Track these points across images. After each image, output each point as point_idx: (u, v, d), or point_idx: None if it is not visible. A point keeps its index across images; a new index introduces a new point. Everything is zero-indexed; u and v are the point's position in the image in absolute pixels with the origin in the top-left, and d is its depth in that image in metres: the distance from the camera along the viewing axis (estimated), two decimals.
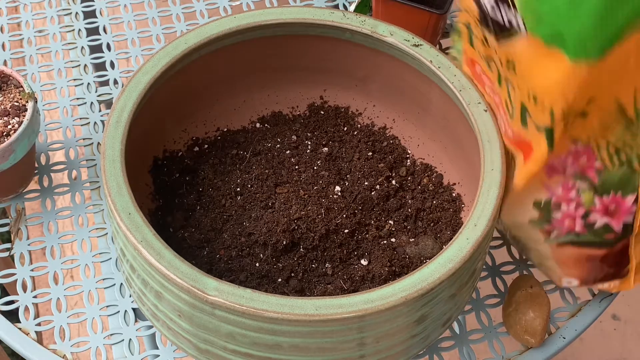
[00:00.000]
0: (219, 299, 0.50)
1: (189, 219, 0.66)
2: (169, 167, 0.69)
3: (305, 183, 0.67)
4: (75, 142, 0.76)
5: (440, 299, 0.54)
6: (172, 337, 0.58)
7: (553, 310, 0.67)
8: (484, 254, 0.61)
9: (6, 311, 0.65)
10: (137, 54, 0.84)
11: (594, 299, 0.68)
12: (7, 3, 0.88)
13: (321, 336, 0.51)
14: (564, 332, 0.66)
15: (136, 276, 0.56)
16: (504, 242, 0.71)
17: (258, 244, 0.63)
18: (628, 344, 1.34)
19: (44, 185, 0.73)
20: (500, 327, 0.66)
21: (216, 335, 0.53)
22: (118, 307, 0.66)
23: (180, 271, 0.51)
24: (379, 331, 0.53)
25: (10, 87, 0.69)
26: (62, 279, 0.67)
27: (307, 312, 0.50)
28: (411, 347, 0.58)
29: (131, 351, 0.63)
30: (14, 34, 0.86)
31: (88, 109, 0.79)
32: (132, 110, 0.60)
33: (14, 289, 0.67)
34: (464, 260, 0.53)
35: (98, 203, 0.72)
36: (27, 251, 0.69)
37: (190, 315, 0.53)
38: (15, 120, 0.67)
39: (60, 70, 0.82)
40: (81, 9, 0.88)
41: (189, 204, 0.67)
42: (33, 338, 0.64)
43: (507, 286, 0.68)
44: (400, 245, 0.65)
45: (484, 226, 0.55)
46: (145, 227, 0.53)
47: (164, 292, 0.53)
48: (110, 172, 0.56)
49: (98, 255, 0.69)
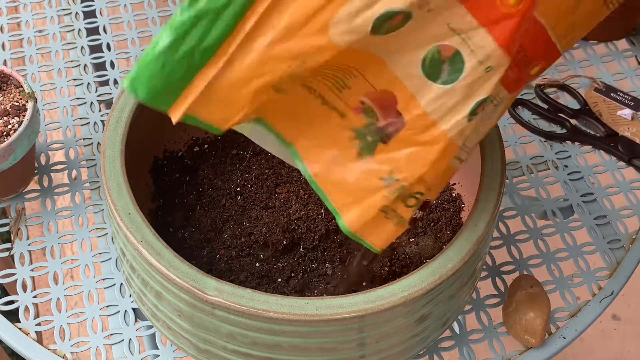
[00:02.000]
0: (219, 299, 0.50)
1: (189, 219, 0.66)
2: (169, 167, 0.69)
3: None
4: (75, 142, 0.76)
5: (440, 299, 0.54)
6: (172, 337, 0.58)
7: (553, 310, 0.67)
8: (484, 254, 0.60)
9: (6, 311, 0.65)
10: (137, 54, 0.84)
11: (594, 298, 0.68)
12: (7, 3, 0.88)
13: (321, 336, 0.51)
14: (564, 332, 0.66)
15: (136, 276, 0.56)
16: (503, 242, 0.71)
17: (258, 244, 0.63)
18: (628, 344, 1.34)
19: (44, 185, 0.73)
20: (501, 327, 0.66)
21: (216, 335, 0.53)
22: (118, 307, 0.66)
23: (180, 271, 0.51)
24: (379, 331, 0.53)
25: (10, 87, 0.69)
26: (62, 279, 0.67)
27: (307, 312, 0.50)
28: (411, 347, 0.58)
29: (131, 351, 0.63)
30: (14, 33, 0.86)
31: (88, 109, 0.79)
32: (132, 110, 0.60)
33: (14, 289, 0.67)
34: (464, 260, 0.53)
35: (98, 203, 0.72)
36: (27, 251, 0.69)
37: (190, 315, 0.53)
38: (15, 120, 0.67)
39: (60, 70, 0.82)
40: (81, 9, 0.88)
41: (189, 204, 0.67)
42: (33, 338, 0.64)
43: (507, 286, 0.68)
44: (400, 245, 0.65)
45: (484, 226, 0.55)
46: (145, 227, 0.53)
47: (164, 292, 0.53)
48: (110, 172, 0.56)
49: (98, 255, 0.69)
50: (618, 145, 0.78)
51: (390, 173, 0.47)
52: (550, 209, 0.74)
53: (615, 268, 0.70)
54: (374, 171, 0.48)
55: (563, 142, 0.80)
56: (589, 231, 0.73)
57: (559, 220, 0.74)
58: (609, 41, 0.89)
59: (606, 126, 0.80)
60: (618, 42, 0.90)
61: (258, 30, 0.41)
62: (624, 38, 0.90)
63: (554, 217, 0.74)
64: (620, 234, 0.73)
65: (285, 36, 0.41)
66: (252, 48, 0.41)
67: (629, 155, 0.78)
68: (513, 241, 0.72)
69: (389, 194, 0.47)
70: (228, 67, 0.41)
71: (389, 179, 0.47)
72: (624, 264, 0.71)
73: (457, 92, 0.45)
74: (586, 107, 0.82)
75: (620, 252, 0.72)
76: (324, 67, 0.44)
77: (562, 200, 0.75)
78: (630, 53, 0.89)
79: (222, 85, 0.42)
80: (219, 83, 0.42)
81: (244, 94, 0.42)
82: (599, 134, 0.80)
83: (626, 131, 0.80)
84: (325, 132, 0.48)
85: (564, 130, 0.80)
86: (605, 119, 0.81)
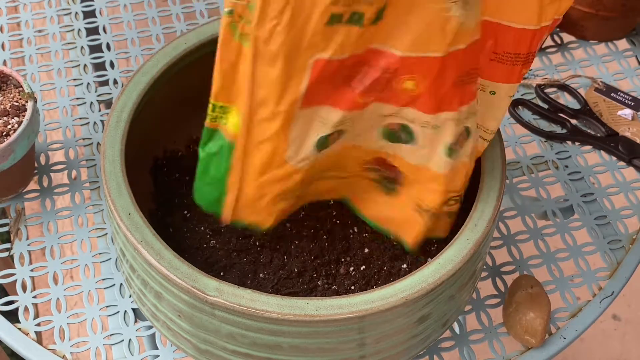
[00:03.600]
0: (219, 300, 0.50)
1: (189, 219, 0.66)
2: (169, 167, 0.69)
3: None
4: (75, 142, 0.76)
5: (440, 300, 0.54)
6: (172, 338, 0.58)
7: (553, 310, 0.67)
8: (484, 254, 0.60)
9: (6, 311, 0.65)
10: (137, 54, 0.84)
11: (594, 299, 0.68)
12: (7, 3, 0.88)
13: (321, 337, 0.51)
14: (565, 333, 0.66)
15: (136, 276, 0.56)
16: (504, 242, 0.71)
17: (257, 244, 0.63)
18: (628, 344, 1.34)
19: (43, 185, 0.73)
20: (501, 328, 0.66)
21: (216, 336, 0.53)
22: (118, 307, 0.66)
23: (180, 271, 0.51)
24: (379, 332, 0.53)
25: (9, 87, 0.69)
26: (61, 279, 0.67)
27: (307, 312, 0.50)
28: (411, 347, 0.57)
29: (131, 351, 0.63)
30: (13, 33, 0.86)
31: (88, 109, 0.79)
32: (132, 110, 0.60)
33: (13, 289, 0.67)
34: (464, 260, 0.53)
35: (98, 203, 0.72)
36: (26, 251, 0.69)
37: (190, 316, 0.53)
38: (15, 120, 0.67)
39: (60, 70, 0.82)
40: (81, 9, 0.88)
41: (188, 204, 0.66)
42: (33, 338, 0.64)
43: (508, 286, 0.68)
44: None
45: (484, 226, 0.55)
46: (145, 227, 0.53)
47: (163, 292, 0.53)
48: (110, 172, 0.56)
49: (98, 255, 0.69)
50: (618, 145, 0.78)
51: (419, 206, 0.58)
52: (550, 209, 0.74)
53: (616, 268, 0.70)
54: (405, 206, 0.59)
55: (563, 142, 0.80)
56: (589, 231, 0.73)
57: (559, 220, 0.74)
58: (609, 41, 0.89)
59: (606, 126, 0.80)
60: (618, 42, 0.90)
61: (246, 167, 0.54)
62: (624, 38, 0.90)
63: (554, 217, 0.74)
64: (620, 234, 0.73)
65: (262, 171, 0.54)
66: (249, 180, 0.54)
67: (629, 155, 0.78)
68: (513, 241, 0.72)
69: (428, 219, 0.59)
70: (241, 192, 0.55)
71: (420, 210, 0.59)
72: (624, 264, 0.71)
73: (424, 146, 0.55)
74: (586, 107, 0.82)
75: (621, 252, 0.72)
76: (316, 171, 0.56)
77: (562, 200, 0.75)
78: (631, 53, 0.89)
79: (243, 202, 0.56)
80: (240, 200, 0.56)
81: (263, 205, 0.56)
82: (599, 134, 0.80)
83: (626, 131, 0.80)
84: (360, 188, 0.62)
85: (564, 130, 0.80)
86: (605, 119, 0.81)
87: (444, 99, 0.52)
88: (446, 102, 0.52)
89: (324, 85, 0.51)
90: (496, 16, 0.52)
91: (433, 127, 0.53)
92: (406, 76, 0.51)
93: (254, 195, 0.55)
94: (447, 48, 0.49)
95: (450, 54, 0.50)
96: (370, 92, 0.52)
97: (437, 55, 0.50)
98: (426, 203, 0.58)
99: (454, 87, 0.52)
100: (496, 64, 0.54)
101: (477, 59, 0.52)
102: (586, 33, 0.88)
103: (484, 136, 0.58)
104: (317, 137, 0.53)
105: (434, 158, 0.55)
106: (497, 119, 0.57)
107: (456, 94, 0.52)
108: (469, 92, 0.53)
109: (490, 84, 0.56)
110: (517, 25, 0.52)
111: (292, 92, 0.50)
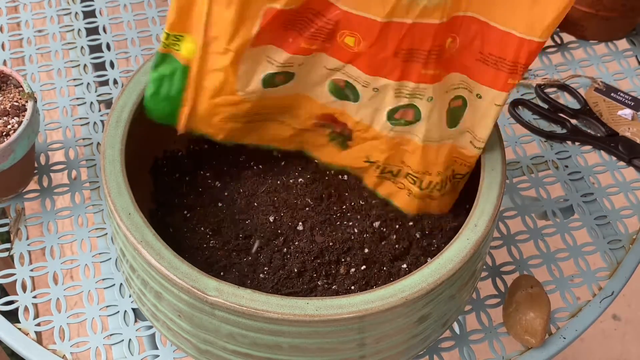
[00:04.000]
0: (219, 299, 0.50)
1: (189, 219, 0.66)
2: (169, 167, 0.69)
3: (303, 185, 0.67)
4: (75, 142, 0.76)
5: (440, 299, 0.54)
6: (172, 338, 0.58)
7: (553, 310, 0.67)
8: (484, 254, 0.60)
9: (6, 311, 0.65)
10: (137, 54, 0.84)
11: (594, 299, 0.68)
12: (7, 3, 0.88)
13: (321, 337, 0.51)
14: (565, 333, 0.66)
15: (136, 276, 0.56)
16: (504, 242, 0.71)
17: (257, 245, 0.63)
18: (628, 344, 1.34)
19: (43, 185, 0.73)
20: (501, 328, 0.66)
21: (216, 336, 0.53)
22: (118, 307, 0.66)
23: (180, 271, 0.51)
24: (379, 332, 0.53)
25: (9, 87, 0.69)
26: (61, 279, 0.67)
27: (307, 312, 0.50)
28: (411, 347, 0.57)
29: (131, 351, 0.63)
30: (13, 33, 0.86)
31: (88, 109, 0.79)
32: (132, 110, 0.60)
33: (13, 289, 0.67)
34: (464, 260, 0.53)
35: (98, 203, 0.72)
36: (26, 251, 0.69)
37: (190, 316, 0.53)
38: (15, 120, 0.67)
39: (60, 70, 0.82)
40: (81, 9, 0.88)
41: (188, 204, 0.66)
42: (33, 338, 0.64)
43: (508, 286, 0.68)
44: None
45: (484, 226, 0.55)
46: (145, 227, 0.53)
47: (163, 292, 0.53)
48: (110, 172, 0.56)
49: (98, 255, 0.69)
50: (618, 145, 0.78)
51: (367, 158, 0.63)
52: (550, 209, 0.74)
53: (616, 268, 0.70)
54: (357, 158, 0.64)
55: (563, 142, 0.80)
56: (589, 231, 0.73)
57: (559, 220, 0.74)
58: (609, 41, 0.89)
59: (606, 126, 0.80)
60: (618, 42, 0.90)
61: (200, 87, 0.59)
62: (624, 38, 0.90)
63: (554, 217, 0.74)
64: (620, 234, 0.73)
65: (214, 95, 0.59)
66: (203, 99, 0.59)
67: (629, 155, 0.78)
68: (513, 241, 0.72)
69: (375, 171, 0.63)
70: (195, 107, 0.60)
71: (369, 161, 0.63)
72: (624, 264, 0.71)
73: (367, 106, 0.59)
74: (586, 107, 0.82)
75: (621, 252, 0.72)
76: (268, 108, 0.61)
77: (562, 200, 0.75)
78: (631, 53, 0.89)
79: (198, 116, 0.60)
80: (195, 114, 0.60)
81: (215, 122, 0.61)
82: (599, 134, 0.80)
83: (626, 131, 0.80)
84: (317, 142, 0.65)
85: (564, 130, 0.80)
86: (605, 119, 0.81)
87: (383, 64, 0.56)
88: (386, 69, 0.56)
89: (274, 28, 0.56)
90: (484, 15, 0.54)
91: (374, 89, 0.58)
92: (347, 31, 0.55)
93: (208, 112, 0.60)
94: (387, 16, 0.53)
95: (393, 24, 0.54)
96: (315, 38, 0.56)
97: (376, 19, 0.54)
98: (372, 157, 0.62)
99: (396, 57, 0.55)
100: (481, 65, 0.56)
101: (437, 43, 0.55)
102: (586, 33, 0.88)
103: (474, 143, 0.59)
104: (263, 74, 0.58)
105: (377, 118, 0.60)
106: (486, 127, 0.58)
107: (397, 65, 0.56)
108: (415, 71, 0.56)
109: (476, 86, 0.57)
110: (502, 27, 0.54)
111: (243, 35, 0.55)
